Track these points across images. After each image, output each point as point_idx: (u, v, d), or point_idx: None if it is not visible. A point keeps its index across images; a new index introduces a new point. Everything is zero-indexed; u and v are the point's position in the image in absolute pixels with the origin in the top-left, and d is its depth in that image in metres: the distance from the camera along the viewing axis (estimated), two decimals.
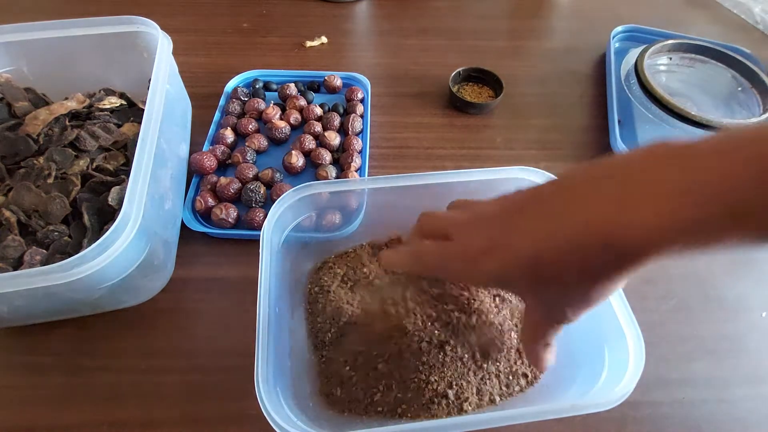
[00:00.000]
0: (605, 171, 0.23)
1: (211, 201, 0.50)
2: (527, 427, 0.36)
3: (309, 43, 0.72)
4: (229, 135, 0.56)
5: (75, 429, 0.37)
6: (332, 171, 0.53)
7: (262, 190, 0.51)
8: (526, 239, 0.25)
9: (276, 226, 0.39)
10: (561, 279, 0.24)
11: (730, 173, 0.18)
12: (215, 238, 0.49)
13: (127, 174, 0.37)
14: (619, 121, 0.59)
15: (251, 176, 0.52)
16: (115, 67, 0.53)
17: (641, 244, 0.20)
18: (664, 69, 0.67)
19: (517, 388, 0.38)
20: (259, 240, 0.37)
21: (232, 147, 0.56)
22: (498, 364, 0.38)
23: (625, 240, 0.21)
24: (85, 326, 0.42)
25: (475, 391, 0.37)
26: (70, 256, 0.32)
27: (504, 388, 0.37)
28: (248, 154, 0.54)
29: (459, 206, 0.33)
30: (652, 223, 0.20)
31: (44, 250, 0.39)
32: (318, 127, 0.57)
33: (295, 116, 0.58)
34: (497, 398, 0.37)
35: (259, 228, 0.46)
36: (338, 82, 0.63)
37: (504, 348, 0.37)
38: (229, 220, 0.48)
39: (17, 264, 0.39)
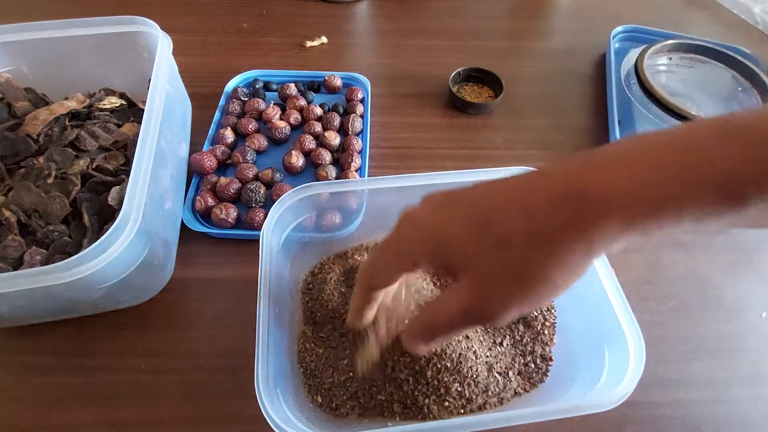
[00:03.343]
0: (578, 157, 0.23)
1: (211, 201, 0.50)
2: (528, 428, 0.36)
3: (309, 43, 0.72)
4: (229, 135, 0.56)
5: (75, 429, 0.37)
6: (332, 171, 0.53)
7: (262, 190, 0.51)
8: (482, 194, 0.23)
9: (276, 226, 0.39)
10: (510, 240, 0.22)
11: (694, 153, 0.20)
12: (215, 238, 0.49)
13: (127, 174, 0.37)
14: (618, 122, 0.59)
15: (251, 176, 0.52)
16: (115, 67, 0.53)
17: (605, 198, 0.20)
18: (664, 69, 0.67)
19: (518, 389, 0.38)
20: (259, 240, 0.37)
21: (232, 147, 0.56)
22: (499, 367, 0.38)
23: (589, 190, 0.21)
24: (85, 326, 0.42)
25: (477, 391, 0.37)
26: (70, 256, 0.32)
27: (505, 389, 0.37)
28: (248, 154, 0.54)
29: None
30: (619, 182, 0.20)
31: (44, 250, 0.39)
32: (318, 127, 0.57)
33: (295, 116, 0.58)
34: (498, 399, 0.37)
35: (259, 228, 0.46)
36: (338, 82, 0.63)
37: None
38: (229, 220, 0.48)
39: (17, 264, 0.39)
